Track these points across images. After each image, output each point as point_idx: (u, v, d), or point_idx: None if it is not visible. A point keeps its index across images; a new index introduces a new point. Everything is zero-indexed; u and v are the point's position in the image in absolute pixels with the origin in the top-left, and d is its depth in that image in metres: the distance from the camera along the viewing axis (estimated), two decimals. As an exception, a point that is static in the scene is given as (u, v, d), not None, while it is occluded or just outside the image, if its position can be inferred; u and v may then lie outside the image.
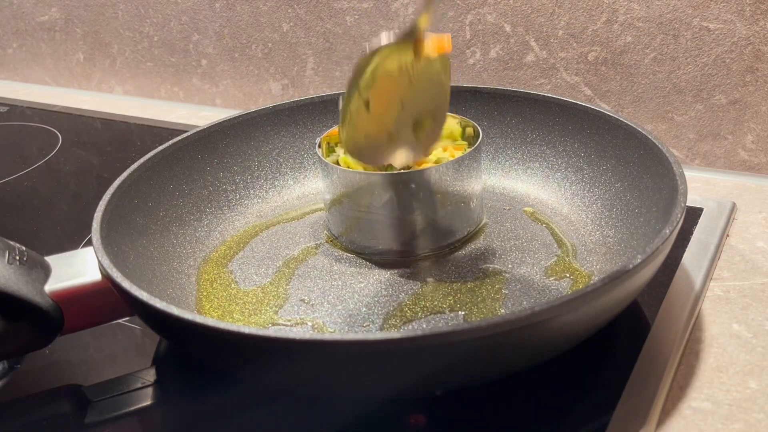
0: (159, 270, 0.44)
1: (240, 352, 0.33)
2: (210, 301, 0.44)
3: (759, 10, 0.53)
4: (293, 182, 0.56)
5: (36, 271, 0.37)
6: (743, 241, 0.48)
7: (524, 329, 0.30)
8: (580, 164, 0.51)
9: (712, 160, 0.59)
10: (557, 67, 0.62)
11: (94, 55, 0.91)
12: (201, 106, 0.84)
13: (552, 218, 0.50)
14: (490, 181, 0.54)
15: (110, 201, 0.43)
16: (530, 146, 0.54)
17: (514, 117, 0.54)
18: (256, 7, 0.75)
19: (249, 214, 0.54)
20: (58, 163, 0.71)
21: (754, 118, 0.56)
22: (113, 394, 0.39)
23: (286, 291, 0.45)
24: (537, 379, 0.37)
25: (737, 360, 0.38)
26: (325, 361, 0.31)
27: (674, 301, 0.42)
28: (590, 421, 0.34)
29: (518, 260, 0.45)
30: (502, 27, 0.63)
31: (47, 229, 0.59)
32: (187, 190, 0.51)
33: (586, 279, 0.43)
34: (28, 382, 0.41)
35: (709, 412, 0.35)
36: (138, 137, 0.76)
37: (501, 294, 0.42)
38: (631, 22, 0.58)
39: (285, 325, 0.42)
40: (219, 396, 0.38)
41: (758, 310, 0.42)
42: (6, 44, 0.98)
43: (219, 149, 0.54)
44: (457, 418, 0.35)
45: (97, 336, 0.43)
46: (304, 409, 0.36)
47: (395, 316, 0.41)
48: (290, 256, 0.48)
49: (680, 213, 0.37)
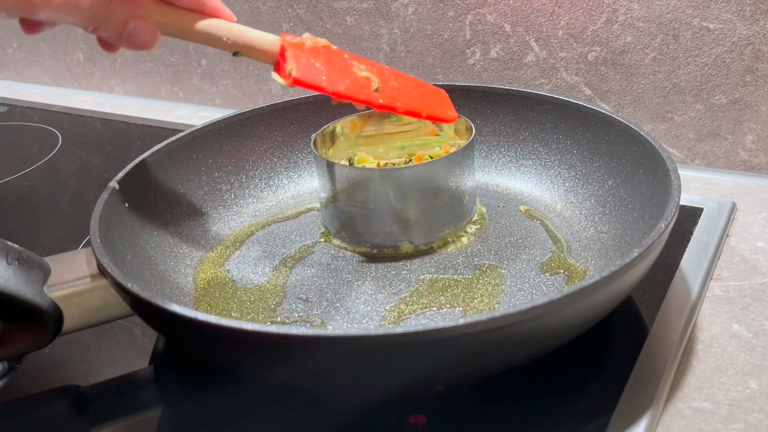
0: (156, 270, 0.44)
1: (241, 350, 0.33)
2: (208, 301, 0.44)
3: (759, 10, 0.53)
4: (288, 181, 0.57)
5: (35, 271, 0.37)
6: (743, 241, 0.48)
7: (524, 323, 0.30)
8: (573, 161, 0.51)
9: (712, 160, 0.59)
10: (557, 67, 0.62)
11: (94, 55, 0.91)
12: (201, 106, 0.84)
13: (546, 215, 0.50)
14: (484, 178, 0.55)
15: (107, 201, 0.43)
16: (523, 144, 0.54)
17: (506, 115, 0.55)
18: (256, 7, 0.75)
19: (244, 213, 0.54)
20: (58, 163, 0.71)
21: (754, 118, 0.56)
22: (112, 394, 0.39)
23: (284, 289, 0.45)
24: (537, 380, 0.37)
25: (737, 360, 0.38)
26: (326, 357, 0.31)
27: (674, 301, 0.42)
28: (590, 421, 0.34)
29: (513, 257, 0.46)
30: (502, 27, 0.63)
31: (47, 229, 0.59)
32: (182, 190, 0.51)
33: (581, 275, 0.43)
34: (27, 382, 0.41)
35: (709, 412, 0.35)
36: (138, 137, 0.76)
37: (497, 290, 0.43)
38: (631, 22, 0.58)
39: (283, 323, 0.42)
40: (217, 395, 0.38)
41: (758, 310, 0.42)
42: (6, 44, 0.98)
43: (214, 149, 0.54)
44: (457, 418, 0.35)
45: (97, 336, 0.43)
46: (303, 409, 0.36)
47: (393, 312, 0.42)
48: (287, 254, 0.48)
49: (674, 208, 0.37)
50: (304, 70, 0.41)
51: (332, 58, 0.43)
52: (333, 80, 0.42)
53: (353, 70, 0.43)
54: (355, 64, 0.44)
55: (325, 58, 0.43)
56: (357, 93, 0.43)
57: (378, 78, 0.44)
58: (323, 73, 0.42)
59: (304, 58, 0.41)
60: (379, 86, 0.43)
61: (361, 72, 0.43)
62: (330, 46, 0.44)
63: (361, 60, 0.45)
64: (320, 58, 0.42)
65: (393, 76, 0.45)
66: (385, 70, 0.45)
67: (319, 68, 0.42)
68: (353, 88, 0.43)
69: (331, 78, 0.42)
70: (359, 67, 0.44)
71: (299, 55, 0.42)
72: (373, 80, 0.43)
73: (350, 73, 0.43)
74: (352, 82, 0.43)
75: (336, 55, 0.44)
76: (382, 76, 0.44)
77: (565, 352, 0.36)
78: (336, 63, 0.43)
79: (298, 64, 0.41)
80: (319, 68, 0.42)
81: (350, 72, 0.43)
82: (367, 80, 0.43)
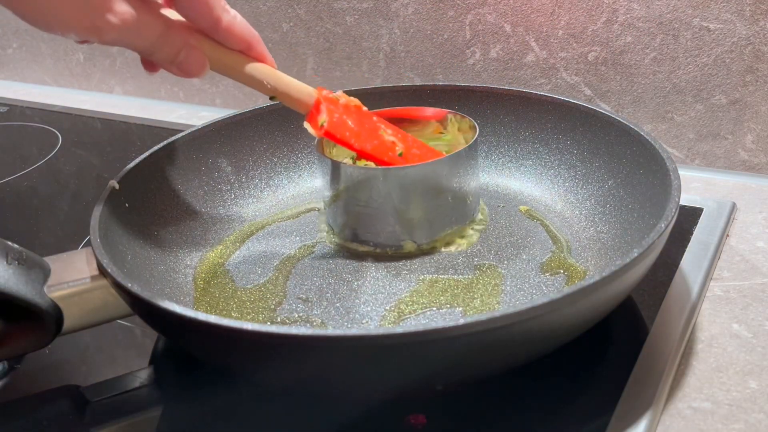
0: (156, 270, 0.44)
1: (241, 350, 0.33)
2: (208, 300, 0.44)
3: (759, 10, 0.53)
4: (288, 181, 0.57)
5: (35, 271, 0.37)
6: (743, 241, 0.48)
7: (524, 323, 0.30)
8: (572, 161, 0.51)
9: (712, 160, 0.59)
10: (557, 67, 0.62)
11: (94, 55, 0.91)
12: (201, 106, 0.84)
13: (546, 215, 0.50)
14: (484, 179, 0.55)
15: (107, 201, 0.43)
16: (523, 144, 0.54)
17: (506, 115, 0.55)
18: (256, 7, 0.75)
19: (244, 213, 0.54)
20: (58, 163, 0.71)
21: (754, 118, 0.56)
22: (112, 394, 0.39)
23: (284, 289, 0.45)
24: (537, 379, 0.37)
25: (737, 360, 0.38)
26: (326, 357, 0.31)
27: (674, 301, 0.42)
28: (590, 421, 0.34)
29: (513, 256, 0.46)
30: (502, 27, 0.63)
31: (47, 229, 0.59)
32: (182, 190, 0.51)
33: (581, 275, 0.43)
34: (27, 382, 0.41)
35: (709, 412, 0.35)
36: (138, 137, 0.76)
37: (497, 290, 0.43)
38: (631, 22, 0.58)
39: (284, 323, 0.42)
40: (217, 395, 0.38)
41: (758, 310, 0.42)
42: (6, 44, 0.98)
43: (213, 149, 0.54)
44: (457, 418, 0.35)
45: (96, 336, 0.43)
46: (303, 409, 0.36)
47: (393, 312, 0.42)
48: (287, 254, 0.48)
49: (674, 208, 0.37)
50: (336, 125, 0.44)
51: (362, 118, 0.46)
52: (361, 139, 0.45)
53: (380, 133, 0.47)
54: (382, 127, 0.47)
55: (356, 117, 0.46)
56: (382, 155, 0.46)
57: (402, 144, 0.47)
58: (353, 130, 0.45)
59: (337, 114, 0.45)
60: (403, 152, 0.47)
61: (387, 136, 0.47)
62: (361, 106, 0.47)
63: (388, 125, 0.48)
64: (352, 116, 0.46)
65: (416, 144, 0.48)
66: (409, 138, 0.48)
67: (350, 126, 0.45)
68: (379, 150, 0.46)
69: (360, 137, 0.45)
70: (386, 131, 0.47)
71: (332, 110, 0.45)
72: (398, 145, 0.47)
73: (378, 135, 0.46)
74: (379, 144, 0.46)
75: (366, 116, 0.47)
76: (406, 143, 0.48)
77: (565, 352, 0.36)
78: (365, 123, 0.46)
79: (331, 119, 0.44)
80: (350, 126, 0.45)
81: (377, 134, 0.46)
82: (393, 144, 0.47)
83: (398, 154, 0.46)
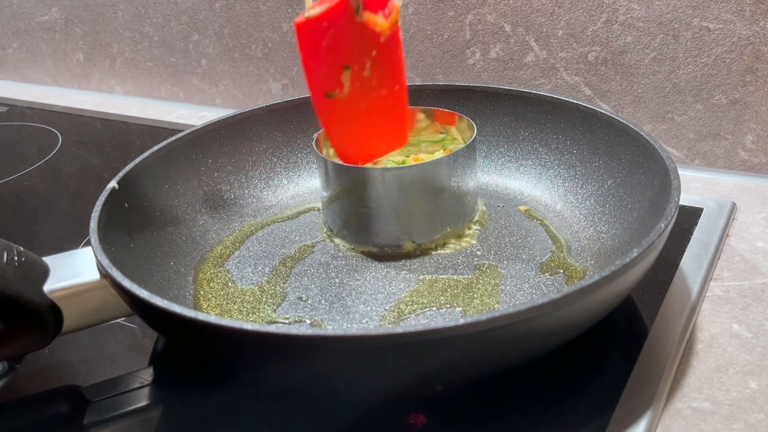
0: (156, 270, 0.44)
1: (241, 350, 0.33)
2: (208, 300, 0.44)
3: (759, 10, 0.53)
4: (287, 181, 0.57)
5: (35, 271, 0.37)
6: (743, 241, 0.48)
7: (524, 323, 0.30)
8: (572, 161, 0.51)
9: (712, 160, 0.59)
10: (557, 67, 0.62)
11: (94, 55, 0.91)
12: (201, 106, 0.84)
13: (545, 215, 0.50)
14: (484, 178, 0.55)
15: (107, 201, 0.43)
16: (523, 144, 0.54)
17: (506, 115, 0.55)
18: (256, 7, 0.75)
19: (244, 213, 0.54)
20: (58, 163, 0.71)
21: (754, 118, 0.56)
22: (112, 394, 0.39)
23: (284, 289, 0.45)
24: (537, 379, 0.37)
25: (737, 360, 0.38)
26: (326, 357, 0.31)
27: (674, 301, 0.42)
28: (590, 421, 0.34)
29: (513, 256, 0.46)
30: (502, 27, 0.63)
31: (47, 229, 0.59)
32: (182, 190, 0.51)
33: (580, 274, 0.43)
34: (27, 383, 0.41)
35: (709, 412, 0.35)
36: (138, 137, 0.76)
37: (497, 290, 0.43)
38: (631, 22, 0.58)
39: (283, 323, 0.42)
40: (217, 395, 0.38)
41: (758, 310, 0.42)
42: (6, 44, 0.99)
43: (213, 149, 0.54)
44: (457, 418, 0.35)
45: (96, 336, 0.43)
46: (303, 409, 0.36)
47: (393, 312, 0.42)
48: (287, 254, 0.48)
49: (674, 208, 0.37)
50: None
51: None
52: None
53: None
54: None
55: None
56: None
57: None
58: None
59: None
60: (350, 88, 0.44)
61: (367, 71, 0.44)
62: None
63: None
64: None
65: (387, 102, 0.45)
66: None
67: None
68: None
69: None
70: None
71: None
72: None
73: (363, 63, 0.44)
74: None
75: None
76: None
77: (565, 352, 0.36)
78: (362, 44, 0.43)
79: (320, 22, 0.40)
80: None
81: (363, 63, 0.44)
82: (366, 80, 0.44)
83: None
